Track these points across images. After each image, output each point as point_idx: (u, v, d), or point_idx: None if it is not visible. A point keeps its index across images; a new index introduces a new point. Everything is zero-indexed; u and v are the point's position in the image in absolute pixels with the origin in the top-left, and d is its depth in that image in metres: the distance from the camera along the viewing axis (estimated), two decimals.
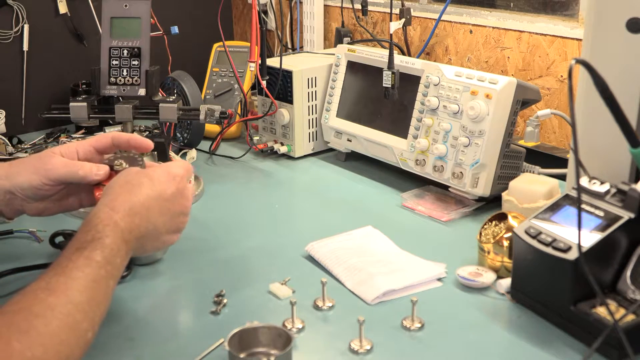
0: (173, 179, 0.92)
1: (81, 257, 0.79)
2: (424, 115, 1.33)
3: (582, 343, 0.88)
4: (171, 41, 1.65)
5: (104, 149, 1.01)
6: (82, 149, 1.00)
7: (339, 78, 1.55)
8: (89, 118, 1.31)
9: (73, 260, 0.79)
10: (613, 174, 0.96)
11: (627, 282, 0.88)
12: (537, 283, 0.93)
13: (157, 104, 1.31)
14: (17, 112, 1.82)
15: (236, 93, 1.75)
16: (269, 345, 0.85)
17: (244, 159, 1.60)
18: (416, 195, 1.35)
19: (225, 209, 1.34)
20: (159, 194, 0.90)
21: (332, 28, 1.99)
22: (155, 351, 0.89)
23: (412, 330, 0.92)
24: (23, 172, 0.97)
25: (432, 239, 1.19)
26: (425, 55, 1.74)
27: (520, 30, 1.54)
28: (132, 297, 1.00)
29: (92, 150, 1.01)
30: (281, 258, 1.13)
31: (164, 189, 0.91)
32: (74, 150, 0.99)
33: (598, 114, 0.91)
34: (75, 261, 0.79)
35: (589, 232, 0.88)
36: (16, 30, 1.79)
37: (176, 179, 0.93)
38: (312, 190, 1.45)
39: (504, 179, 1.25)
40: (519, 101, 1.25)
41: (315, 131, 1.59)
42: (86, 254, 0.80)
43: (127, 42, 1.31)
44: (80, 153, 1.00)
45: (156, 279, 1.07)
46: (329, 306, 0.97)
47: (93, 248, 0.80)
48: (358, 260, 1.07)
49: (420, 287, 1.02)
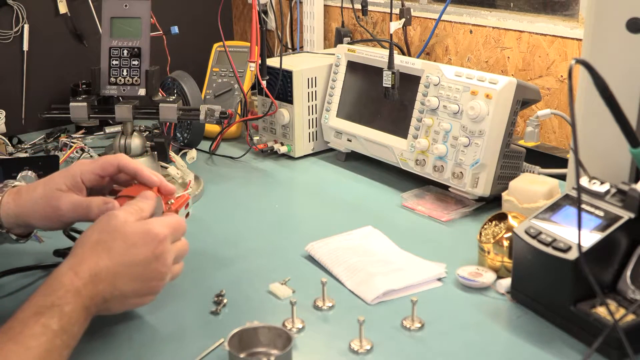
0: (151, 241, 0.85)
1: (37, 324, 0.75)
2: (424, 115, 1.33)
3: (582, 343, 0.88)
4: (171, 41, 1.65)
5: (110, 175, 0.97)
6: (86, 177, 0.95)
7: (339, 78, 1.55)
8: (89, 118, 1.31)
9: (29, 326, 0.75)
10: (613, 174, 0.96)
11: (627, 282, 0.88)
12: (537, 283, 0.93)
13: (157, 104, 1.31)
14: (17, 112, 1.82)
15: (236, 93, 1.75)
16: (269, 345, 0.85)
17: (244, 159, 1.60)
18: (416, 195, 1.35)
19: (225, 209, 1.34)
20: (131, 260, 0.84)
21: (332, 28, 1.99)
22: (155, 351, 0.89)
23: (412, 330, 0.92)
24: (34, 216, 0.94)
25: (432, 239, 1.19)
26: (425, 55, 1.74)
27: (520, 30, 1.54)
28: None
29: (97, 177, 0.96)
30: (281, 258, 1.13)
31: (137, 254, 0.84)
32: (78, 179, 0.94)
33: (598, 114, 0.91)
34: (31, 327, 0.75)
35: (589, 232, 0.88)
36: (16, 30, 1.79)
37: (155, 240, 0.85)
38: (312, 190, 1.45)
39: (504, 179, 1.25)
40: (519, 101, 1.25)
41: (315, 131, 1.59)
42: (43, 321, 0.75)
43: (127, 42, 1.31)
44: (86, 181, 0.95)
45: None
46: (329, 306, 0.97)
47: (51, 315, 0.76)
48: (358, 260, 1.07)
49: (420, 287, 1.02)
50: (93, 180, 0.96)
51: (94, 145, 1.66)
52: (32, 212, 0.94)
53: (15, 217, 0.95)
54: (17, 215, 0.95)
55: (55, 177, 0.96)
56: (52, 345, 0.75)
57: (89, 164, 0.97)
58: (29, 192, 0.96)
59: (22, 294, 1.02)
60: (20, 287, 1.04)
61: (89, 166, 0.96)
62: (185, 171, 1.39)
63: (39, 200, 0.94)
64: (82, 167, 0.96)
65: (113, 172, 0.97)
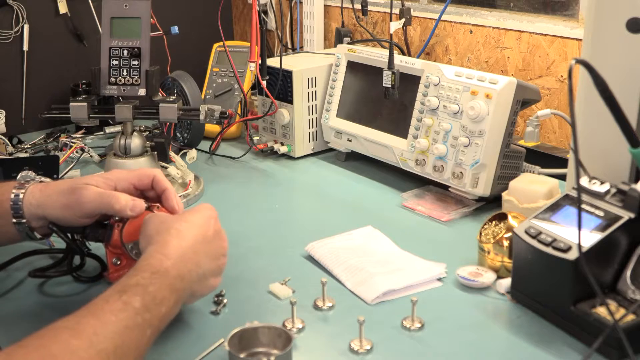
0: (209, 220, 0.92)
1: (119, 301, 0.75)
2: (424, 115, 1.33)
3: (582, 343, 0.88)
4: (171, 41, 1.65)
5: (144, 188, 0.99)
6: (121, 184, 0.97)
7: (339, 78, 1.55)
8: (89, 118, 1.31)
9: (110, 302, 0.75)
10: (613, 174, 0.96)
11: (627, 282, 0.88)
12: (537, 283, 0.93)
13: (157, 104, 1.31)
14: (17, 112, 1.82)
15: (236, 93, 1.75)
16: (269, 345, 0.85)
17: (244, 159, 1.60)
18: (416, 195, 1.35)
19: (225, 209, 1.33)
20: (204, 237, 0.89)
21: (332, 28, 1.99)
22: (155, 351, 0.89)
23: (412, 330, 0.92)
24: (56, 206, 0.95)
25: (432, 239, 1.19)
26: (425, 55, 1.74)
27: (520, 30, 1.54)
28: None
29: (131, 187, 0.98)
30: (281, 258, 1.13)
31: (206, 232, 0.90)
32: (112, 183, 0.97)
33: (598, 114, 0.91)
34: (112, 303, 0.75)
35: (589, 232, 0.88)
36: (16, 30, 1.79)
37: (211, 220, 0.92)
38: (312, 190, 1.45)
39: (504, 179, 1.25)
40: (519, 101, 1.25)
41: (315, 131, 1.59)
42: (125, 298, 0.75)
43: (127, 42, 1.31)
44: (119, 188, 0.97)
45: None
46: (329, 306, 0.97)
47: (134, 293, 0.76)
48: (358, 260, 1.07)
49: (420, 287, 1.02)
50: (127, 189, 0.98)
51: (94, 145, 1.65)
52: (54, 200, 0.95)
53: (37, 206, 0.95)
54: (39, 205, 0.95)
55: (89, 177, 0.97)
56: (132, 322, 0.74)
57: (127, 172, 0.99)
58: (57, 184, 0.98)
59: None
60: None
61: (126, 174, 0.99)
62: (185, 171, 1.39)
63: (65, 189, 0.95)
64: (119, 174, 0.99)
65: (147, 185, 0.99)
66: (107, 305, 0.74)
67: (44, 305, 1.00)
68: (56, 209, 0.95)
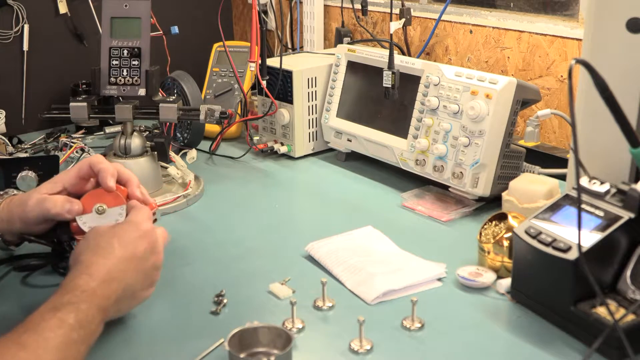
0: (144, 235, 0.91)
1: (54, 318, 0.78)
2: (424, 115, 1.33)
3: (582, 343, 0.88)
4: (171, 41, 1.65)
5: (87, 174, 1.00)
6: (68, 181, 0.99)
7: (339, 78, 1.55)
8: (89, 118, 1.31)
9: (46, 319, 0.78)
10: (613, 174, 0.96)
11: (627, 282, 0.88)
12: (537, 283, 0.93)
13: (157, 104, 1.31)
14: (17, 112, 1.82)
15: (236, 93, 1.75)
16: (269, 345, 0.85)
17: (244, 159, 1.60)
18: (416, 195, 1.35)
19: (225, 209, 1.34)
20: (132, 254, 0.89)
21: (332, 28, 1.99)
22: (155, 351, 0.89)
23: (412, 330, 0.92)
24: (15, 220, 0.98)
25: (432, 239, 1.19)
26: (425, 55, 1.74)
27: (520, 30, 1.54)
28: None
29: (77, 180, 0.99)
30: (281, 258, 1.13)
31: (136, 247, 0.90)
32: (59, 185, 0.99)
33: (598, 114, 0.91)
34: (48, 320, 0.77)
35: (589, 232, 0.88)
36: (16, 30, 1.79)
37: (146, 234, 0.91)
38: (312, 190, 1.45)
39: (504, 179, 1.25)
40: (519, 101, 1.24)
41: (315, 131, 1.59)
42: (60, 315, 0.78)
43: (127, 42, 1.31)
44: (68, 186, 0.99)
45: None
46: (329, 306, 0.97)
47: (68, 311, 0.79)
48: (358, 260, 1.07)
49: (420, 287, 1.02)
50: (75, 185, 0.99)
51: (94, 145, 1.66)
52: (13, 214, 0.99)
53: (6, 221, 1.00)
54: (7, 220, 1.00)
55: (41, 185, 1.00)
56: (68, 339, 0.77)
57: (69, 169, 1.01)
58: (17, 198, 1.01)
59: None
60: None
61: (69, 171, 1.00)
62: (185, 171, 1.39)
63: (17, 203, 1.00)
64: (63, 174, 1.00)
65: (88, 172, 0.99)
66: (44, 322, 0.77)
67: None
68: (16, 223, 0.99)
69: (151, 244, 0.91)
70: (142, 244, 0.90)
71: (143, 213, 0.95)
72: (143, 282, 0.91)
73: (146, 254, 0.91)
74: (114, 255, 0.87)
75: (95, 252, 0.88)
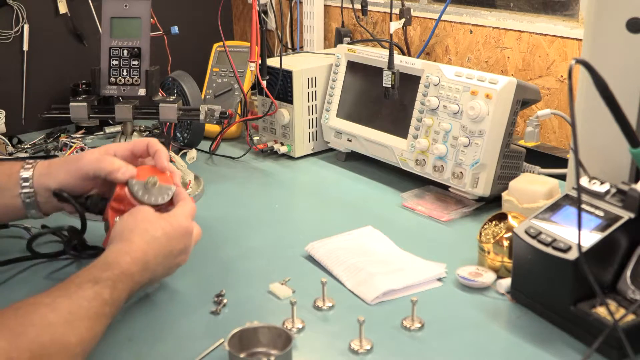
0: (185, 234, 0.96)
1: (91, 290, 0.82)
2: (424, 115, 1.33)
3: (582, 343, 0.88)
4: (171, 41, 1.65)
5: (141, 153, 1.05)
6: (120, 153, 1.04)
7: (339, 78, 1.55)
8: (89, 118, 1.31)
9: (83, 289, 0.82)
10: (613, 174, 0.96)
11: (627, 282, 0.88)
12: (537, 283, 0.93)
13: (157, 104, 1.31)
14: (17, 112, 1.82)
15: (236, 93, 1.75)
16: (269, 345, 0.85)
17: (244, 159, 1.60)
18: (416, 195, 1.35)
19: (225, 209, 1.34)
20: (170, 252, 0.95)
21: (332, 28, 1.99)
22: (155, 351, 0.89)
23: (412, 330, 0.92)
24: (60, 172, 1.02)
25: (432, 239, 1.19)
26: (425, 55, 1.74)
27: (520, 30, 1.54)
28: (132, 297, 1.00)
29: (129, 155, 1.05)
30: (281, 258, 1.13)
31: (176, 245, 0.95)
32: (112, 151, 1.04)
33: (598, 114, 0.91)
34: (85, 290, 0.82)
35: (589, 232, 0.88)
36: (16, 30, 1.79)
37: (187, 234, 0.97)
38: (312, 190, 1.45)
39: (504, 179, 1.25)
40: (519, 101, 1.25)
41: (315, 131, 1.59)
42: (97, 289, 0.83)
43: (127, 42, 1.31)
44: (119, 157, 1.03)
45: None
46: (329, 306, 0.97)
47: (105, 286, 0.84)
48: (358, 260, 1.07)
49: (420, 287, 1.02)
50: (126, 158, 1.04)
51: (94, 145, 1.65)
52: (59, 167, 1.03)
53: (45, 175, 1.02)
54: (47, 173, 1.02)
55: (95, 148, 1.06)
56: (100, 312, 0.82)
57: (124, 142, 1.07)
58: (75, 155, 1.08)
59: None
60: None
61: (124, 144, 1.06)
62: (185, 171, 1.39)
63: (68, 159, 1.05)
64: (117, 145, 1.06)
65: (143, 149, 1.05)
66: (80, 291, 0.81)
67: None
68: (60, 175, 1.02)
69: (187, 244, 0.97)
70: (181, 243, 0.96)
71: (190, 208, 0.99)
72: (162, 276, 0.97)
73: (179, 252, 0.97)
74: (157, 247, 0.92)
75: (142, 236, 0.92)
